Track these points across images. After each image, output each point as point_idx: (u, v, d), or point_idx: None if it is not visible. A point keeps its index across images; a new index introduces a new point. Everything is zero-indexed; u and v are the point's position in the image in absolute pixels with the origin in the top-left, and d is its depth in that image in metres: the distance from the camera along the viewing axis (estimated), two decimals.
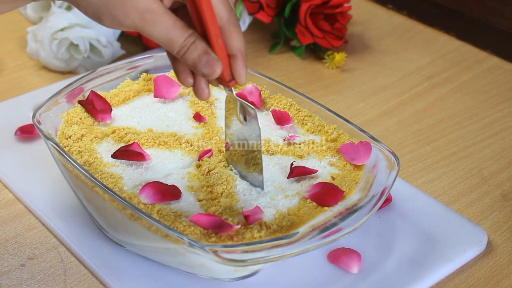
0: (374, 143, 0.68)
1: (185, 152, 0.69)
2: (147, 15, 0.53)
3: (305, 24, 0.97)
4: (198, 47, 0.55)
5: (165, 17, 0.53)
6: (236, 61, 0.58)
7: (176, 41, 0.54)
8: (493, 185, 0.79)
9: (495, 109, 0.92)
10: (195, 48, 0.55)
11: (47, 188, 0.74)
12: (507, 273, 0.68)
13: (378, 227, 0.70)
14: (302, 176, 0.67)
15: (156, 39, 0.54)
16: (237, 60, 0.58)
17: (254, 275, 0.64)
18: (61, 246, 0.69)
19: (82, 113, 0.72)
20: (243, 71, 0.58)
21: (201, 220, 0.59)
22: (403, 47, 1.06)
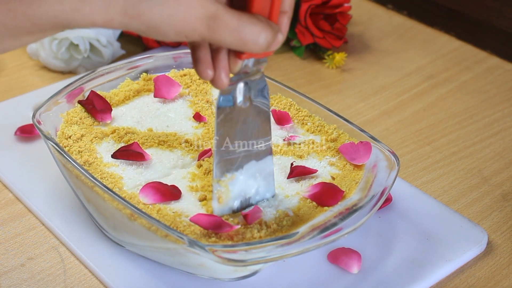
0: (374, 143, 0.68)
1: (185, 152, 0.69)
2: (211, 22, 0.50)
3: (305, 24, 0.97)
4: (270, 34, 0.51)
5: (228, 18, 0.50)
6: (284, 18, 0.54)
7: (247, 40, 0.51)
8: (493, 185, 0.79)
9: (495, 109, 0.92)
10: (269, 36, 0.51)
11: (47, 188, 0.74)
12: (507, 273, 0.68)
13: (378, 227, 0.70)
14: (302, 176, 0.67)
15: (227, 45, 0.51)
16: (284, 17, 0.54)
17: (254, 275, 0.64)
18: (61, 246, 0.69)
19: (82, 113, 0.72)
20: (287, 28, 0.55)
21: (201, 220, 0.59)
22: (403, 47, 1.06)
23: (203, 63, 0.55)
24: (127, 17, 0.48)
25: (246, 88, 0.60)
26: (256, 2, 0.52)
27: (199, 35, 0.50)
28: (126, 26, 0.49)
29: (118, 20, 0.48)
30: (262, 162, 0.63)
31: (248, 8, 0.52)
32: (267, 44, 0.52)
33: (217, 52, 0.55)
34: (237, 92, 0.59)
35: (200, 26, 0.49)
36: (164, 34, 0.50)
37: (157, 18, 0.49)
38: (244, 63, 0.57)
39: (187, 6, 0.49)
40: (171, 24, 0.49)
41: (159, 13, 0.48)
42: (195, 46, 0.55)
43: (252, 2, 0.52)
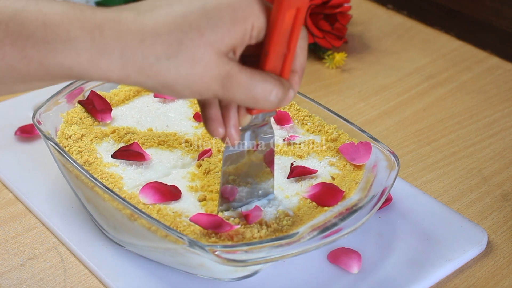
0: (374, 143, 0.68)
1: (185, 152, 0.69)
2: (225, 81, 0.50)
3: (305, 24, 0.97)
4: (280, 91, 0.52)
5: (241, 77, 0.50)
6: (295, 77, 0.54)
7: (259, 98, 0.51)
8: (493, 185, 0.79)
9: (495, 109, 0.92)
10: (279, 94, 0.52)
11: (47, 188, 0.74)
12: (507, 273, 0.68)
13: (378, 227, 0.70)
14: (302, 176, 0.67)
15: (240, 103, 0.51)
16: (295, 77, 0.54)
17: (254, 275, 0.64)
18: (61, 246, 0.69)
19: (82, 113, 0.72)
20: (298, 86, 0.55)
21: (201, 220, 0.59)
22: (403, 47, 1.06)
23: (214, 122, 0.55)
24: (143, 76, 0.48)
25: (253, 136, 0.61)
26: (269, 61, 0.52)
27: (213, 94, 0.50)
28: (141, 84, 0.49)
29: (134, 78, 0.48)
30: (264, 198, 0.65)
31: (261, 66, 0.52)
32: (278, 101, 0.52)
33: (227, 110, 0.55)
34: (245, 140, 0.61)
35: (215, 85, 0.49)
36: (178, 92, 0.50)
37: (173, 78, 0.48)
38: (253, 117, 0.58)
39: (204, 67, 0.48)
40: (186, 84, 0.49)
41: (175, 73, 0.48)
42: (205, 104, 0.55)
43: (266, 61, 0.52)
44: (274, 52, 0.51)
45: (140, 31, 0.47)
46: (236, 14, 0.49)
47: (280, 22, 0.50)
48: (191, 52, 0.48)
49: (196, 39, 0.48)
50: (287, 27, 0.51)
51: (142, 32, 0.48)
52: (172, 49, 0.48)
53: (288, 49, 0.52)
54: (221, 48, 0.49)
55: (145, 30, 0.48)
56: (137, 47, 0.47)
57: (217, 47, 0.49)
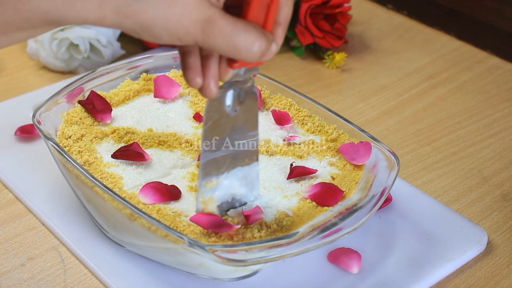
0: (374, 143, 0.68)
1: (185, 152, 0.69)
2: (205, 26, 0.48)
3: (305, 24, 0.97)
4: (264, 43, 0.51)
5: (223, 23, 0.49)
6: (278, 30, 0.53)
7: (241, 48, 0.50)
8: (493, 185, 0.79)
9: (495, 109, 0.92)
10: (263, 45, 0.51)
11: (47, 188, 0.74)
12: (507, 273, 0.68)
13: (378, 227, 0.70)
14: (302, 176, 0.67)
15: (220, 51, 0.50)
16: (279, 29, 0.53)
17: (254, 275, 0.64)
18: (61, 246, 0.69)
19: (82, 113, 0.72)
20: (282, 39, 0.54)
21: (201, 219, 0.59)
22: (403, 47, 1.06)
23: (193, 70, 0.53)
24: (120, 16, 0.47)
25: (235, 95, 0.59)
26: (252, 10, 0.51)
27: (193, 39, 0.49)
28: (118, 25, 0.48)
29: (111, 18, 0.47)
30: (248, 167, 0.62)
31: (243, 15, 0.51)
32: (261, 53, 0.51)
33: (208, 60, 0.53)
34: (227, 99, 0.59)
35: (194, 29, 0.48)
36: (157, 35, 0.48)
37: (151, 18, 0.47)
38: (235, 72, 0.56)
39: (183, 8, 0.47)
40: (165, 25, 0.48)
41: (153, 13, 0.47)
42: (185, 52, 0.53)
43: (248, 10, 0.51)
44: (256, 1, 0.50)
45: None
46: None
47: None
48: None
49: None
50: None
51: None
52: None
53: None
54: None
55: None
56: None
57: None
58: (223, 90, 0.58)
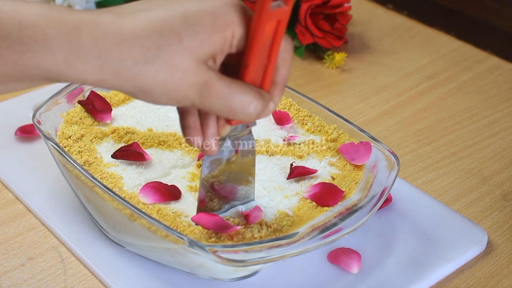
0: (374, 143, 0.68)
1: (185, 152, 0.69)
2: (202, 89, 0.49)
3: (305, 24, 0.97)
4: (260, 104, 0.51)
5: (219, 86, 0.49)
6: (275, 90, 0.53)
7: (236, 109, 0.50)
8: (493, 185, 0.79)
9: (495, 109, 0.92)
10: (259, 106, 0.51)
11: (47, 188, 0.74)
12: (507, 273, 0.68)
13: (378, 227, 0.70)
14: (302, 176, 0.67)
15: (217, 113, 0.51)
16: (276, 89, 0.53)
17: (254, 275, 0.64)
18: (61, 246, 0.69)
19: (82, 113, 0.72)
20: (279, 99, 0.54)
21: (202, 219, 0.59)
22: (403, 47, 1.06)
23: (192, 130, 0.54)
24: (120, 80, 0.47)
25: (233, 145, 0.60)
26: (249, 73, 0.51)
27: (190, 102, 0.49)
28: (117, 87, 0.48)
29: (110, 82, 0.47)
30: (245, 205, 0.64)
31: (240, 77, 0.51)
32: (257, 114, 0.51)
33: (206, 119, 0.54)
34: (224, 150, 0.60)
35: (192, 93, 0.49)
36: (155, 98, 0.49)
37: (150, 83, 0.48)
38: (233, 127, 0.57)
39: (182, 74, 0.48)
40: (164, 90, 0.48)
41: (153, 78, 0.47)
42: (184, 112, 0.54)
43: (245, 72, 0.51)
44: (253, 64, 0.51)
45: (118, 33, 0.47)
46: (216, 21, 0.48)
47: (260, 34, 0.49)
48: (169, 58, 0.47)
49: (175, 44, 0.47)
50: (267, 39, 0.50)
51: (120, 34, 0.47)
52: (150, 54, 0.47)
53: (268, 61, 0.51)
54: (200, 55, 0.48)
55: (123, 33, 0.47)
56: (114, 50, 0.47)
57: (196, 53, 0.48)
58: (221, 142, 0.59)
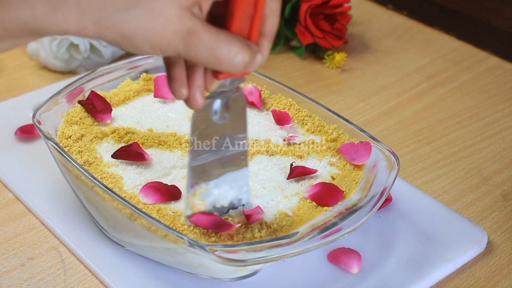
0: (374, 143, 0.68)
1: (185, 152, 0.69)
2: (187, 38, 0.48)
3: (305, 24, 0.97)
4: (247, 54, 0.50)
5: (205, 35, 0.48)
6: (263, 41, 0.52)
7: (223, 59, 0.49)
8: (493, 185, 0.79)
9: (495, 109, 0.92)
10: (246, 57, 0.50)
11: (47, 188, 0.74)
12: (507, 273, 0.68)
13: (378, 227, 0.70)
14: (302, 176, 0.67)
15: (203, 63, 0.50)
16: (264, 40, 0.52)
17: (254, 275, 0.64)
18: (61, 246, 0.69)
19: (82, 113, 0.72)
20: (268, 50, 0.53)
21: (200, 220, 0.59)
22: (403, 47, 1.06)
23: (178, 82, 0.53)
24: (101, 27, 0.47)
25: (223, 105, 0.58)
26: (235, 21, 0.50)
27: (174, 50, 0.48)
28: (99, 35, 0.47)
29: (92, 29, 0.47)
30: (238, 172, 0.62)
31: (227, 27, 0.50)
32: (244, 65, 0.50)
33: (193, 71, 0.53)
34: (213, 109, 0.58)
35: (176, 41, 0.48)
36: (138, 46, 0.48)
37: (132, 29, 0.47)
38: (221, 83, 0.55)
39: (165, 20, 0.47)
40: (146, 36, 0.47)
41: (134, 24, 0.47)
42: (170, 64, 0.53)
43: (231, 21, 0.50)
44: (239, 12, 0.50)
45: None
46: None
47: None
48: (151, 4, 0.47)
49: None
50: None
51: None
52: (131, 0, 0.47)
53: (255, 10, 0.50)
54: (183, 1, 0.47)
55: None
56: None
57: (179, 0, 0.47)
58: (209, 100, 0.57)
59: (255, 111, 0.76)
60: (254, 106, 0.76)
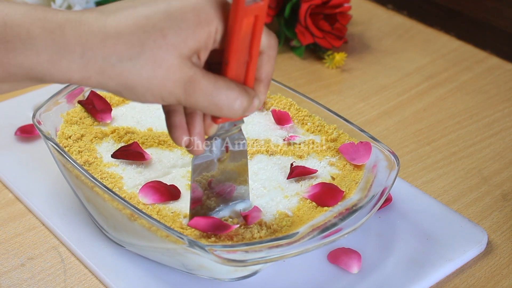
0: (374, 143, 0.68)
1: (184, 152, 0.69)
2: (187, 86, 0.49)
3: (305, 24, 0.97)
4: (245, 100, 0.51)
5: (204, 82, 0.49)
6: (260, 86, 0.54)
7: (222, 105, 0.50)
8: (493, 185, 0.79)
9: (495, 109, 0.92)
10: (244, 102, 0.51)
11: (47, 188, 0.74)
12: (507, 273, 0.68)
13: (378, 227, 0.70)
14: (302, 176, 0.67)
15: (202, 110, 0.51)
16: (261, 86, 0.54)
17: (254, 275, 0.64)
18: (61, 246, 0.69)
19: (82, 113, 0.72)
20: (265, 95, 0.54)
21: (199, 223, 0.59)
22: (403, 47, 1.06)
23: (179, 129, 0.54)
24: (105, 77, 0.48)
25: (223, 143, 0.60)
26: (231, 70, 0.51)
27: (176, 99, 0.49)
28: (102, 85, 0.48)
29: (95, 79, 0.48)
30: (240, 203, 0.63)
31: (223, 74, 0.51)
32: (243, 110, 0.51)
33: (192, 117, 0.54)
34: (214, 148, 0.59)
35: (176, 89, 0.49)
36: (140, 96, 0.49)
37: (134, 80, 0.48)
38: (220, 126, 0.57)
39: (166, 70, 0.48)
40: (148, 86, 0.48)
41: (137, 75, 0.48)
42: (170, 111, 0.54)
43: (227, 69, 0.51)
44: (234, 60, 0.51)
45: (102, 31, 0.47)
46: (200, 17, 0.49)
47: (237, 30, 0.49)
48: (153, 54, 0.47)
49: (159, 40, 0.47)
50: (246, 35, 0.50)
51: (104, 32, 0.47)
52: (134, 50, 0.47)
53: (250, 57, 0.51)
54: (184, 51, 0.48)
55: (107, 31, 0.47)
56: (98, 47, 0.47)
57: (180, 49, 0.48)
58: (209, 142, 0.59)
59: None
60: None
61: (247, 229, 0.60)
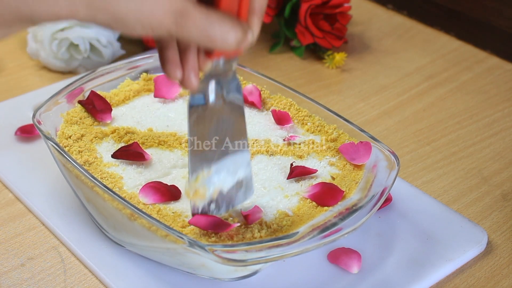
0: (374, 143, 0.68)
1: (185, 152, 0.69)
2: (178, 17, 0.48)
3: (305, 24, 0.97)
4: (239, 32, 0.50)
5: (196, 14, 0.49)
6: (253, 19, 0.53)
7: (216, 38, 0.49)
8: (493, 185, 0.79)
9: (495, 109, 0.92)
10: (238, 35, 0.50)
11: (47, 188, 0.74)
12: (507, 273, 0.68)
13: (378, 227, 0.70)
14: (302, 176, 0.67)
15: (195, 42, 0.50)
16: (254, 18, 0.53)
17: (254, 275, 0.64)
18: (61, 246, 0.69)
19: (82, 113, 0.72)
20: (258, 28, 0.53)
21: (200, 221, 0.59)
22: (403, 47, 1.06)
23: (171, 63, 0.54)
24: (93, 9, 0.47)
25: (218, 87, 0.58)
26: (224, 1, 0.50)
27: (166, 30, 0.49)
28: (91, 18, 0.48)
29: (83, 12, 0.47)
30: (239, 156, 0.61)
31: (215, 7, 0.51)
32: (237, 42, 0.50)
33: (186, 52, 0.53)
34: (209, 91, 0.58)
35: (167, 20, 0.48)
36: (130, 27, 0.48)
37: (123, 10, 0.47)
38: (215, 63, 0.56)
39: (155, 1, 0.47)
40: (138, 17, 0.48)
41: (125, 5, 0.47)
42: (162, 46, 0.54)
43: (220, 1, 0.50)
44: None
45: None
46: None
47: None
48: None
49: None
50: None
51: None
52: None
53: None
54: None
55: None
56: None
57: None
58: (204, 83, 0.57)
59: (255, 111, 0.76)
60: (254, 106, 0.76)
61: (247, 228, 0.60)
